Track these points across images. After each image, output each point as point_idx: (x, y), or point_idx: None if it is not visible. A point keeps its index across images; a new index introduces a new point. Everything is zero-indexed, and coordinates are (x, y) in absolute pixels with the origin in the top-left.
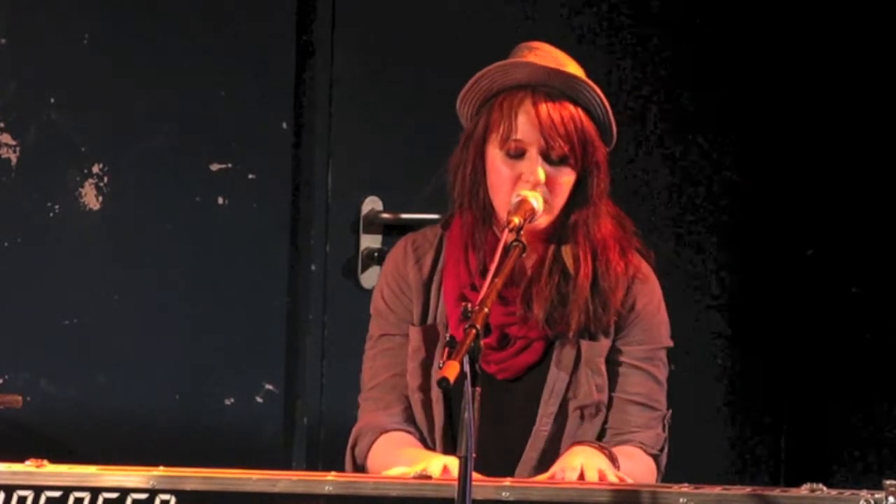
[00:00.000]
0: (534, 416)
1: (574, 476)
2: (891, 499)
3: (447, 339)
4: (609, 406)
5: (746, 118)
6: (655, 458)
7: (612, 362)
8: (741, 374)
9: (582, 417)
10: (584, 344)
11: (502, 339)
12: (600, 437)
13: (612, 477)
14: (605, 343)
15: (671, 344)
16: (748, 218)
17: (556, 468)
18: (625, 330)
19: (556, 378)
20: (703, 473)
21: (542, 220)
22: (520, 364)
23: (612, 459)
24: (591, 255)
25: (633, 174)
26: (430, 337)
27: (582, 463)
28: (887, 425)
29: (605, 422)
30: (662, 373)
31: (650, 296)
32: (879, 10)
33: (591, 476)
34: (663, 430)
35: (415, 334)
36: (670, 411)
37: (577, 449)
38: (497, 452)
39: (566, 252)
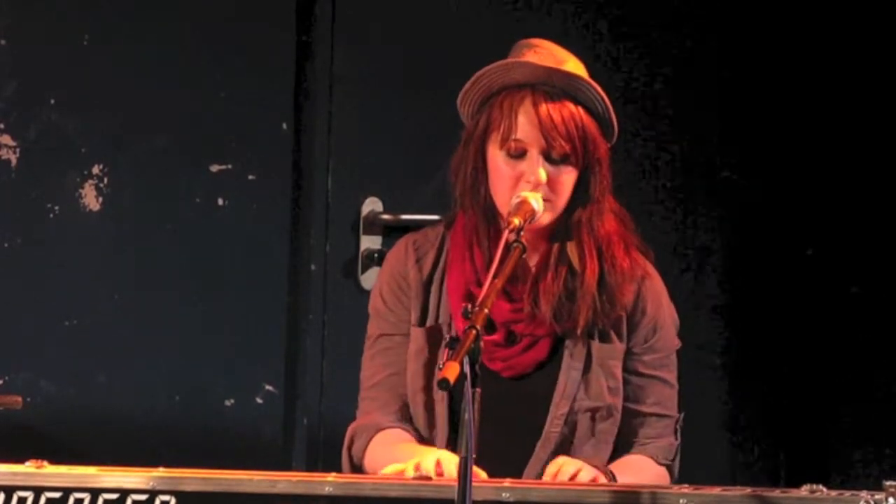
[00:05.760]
0: (542, 416)
1: (565, 476)
2: (891, 499)
3: (447, 339)
4: (624, 415)
5: (747, 118)
6: (668, 467)
7: (628, 371)
8: (741, 374)
9: (593, 420)
10: (595, 345)
11: (509, 337)
12: (615, 445)
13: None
14: (618, 346)
15: (680, 343)
16: (748, 218)
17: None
18: (637, 334)
19: (567, 379)
20: (703, 473)
21: (545, 219)
22: (526, 361)
23: (606, 475)
24: (597, 252)
25: (633, 174)
26: (433, 338)
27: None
28: (887, 425)
29: (619, 429)
30: (674, 375)
31: (659, 296)
32: (879, 10)
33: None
34: (676, 438)
35: (417, 335)
36: (682, 414)
37: (567, 459)
38: (503, 452)
39: (571, 249)
